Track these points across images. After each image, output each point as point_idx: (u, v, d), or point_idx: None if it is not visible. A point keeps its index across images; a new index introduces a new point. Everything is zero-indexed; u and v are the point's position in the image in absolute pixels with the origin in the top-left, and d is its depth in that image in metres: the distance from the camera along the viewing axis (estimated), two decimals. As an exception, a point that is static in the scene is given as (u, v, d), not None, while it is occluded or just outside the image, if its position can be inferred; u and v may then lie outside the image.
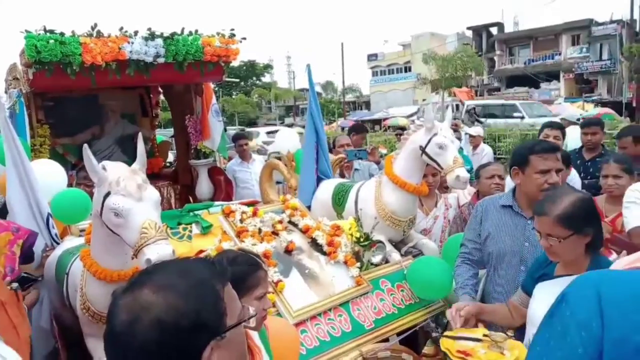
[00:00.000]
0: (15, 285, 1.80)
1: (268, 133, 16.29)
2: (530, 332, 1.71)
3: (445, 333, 1.86)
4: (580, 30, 33.57)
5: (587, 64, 31.78)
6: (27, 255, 2.35)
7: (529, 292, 1.83)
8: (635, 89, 20.00)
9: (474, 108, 17.80)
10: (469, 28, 39.42)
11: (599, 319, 0.81)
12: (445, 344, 1.76)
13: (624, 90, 26.64)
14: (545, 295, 1.64)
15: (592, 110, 20.24)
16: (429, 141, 2.71)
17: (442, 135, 2.68)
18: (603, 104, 23.68)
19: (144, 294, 0.78)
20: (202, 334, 0.78)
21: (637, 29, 22.89)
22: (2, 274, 1.91)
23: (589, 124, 4.37)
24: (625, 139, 3.81)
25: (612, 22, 31.72)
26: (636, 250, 2.61)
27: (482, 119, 16.19)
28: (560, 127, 4.21)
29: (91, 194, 2.89)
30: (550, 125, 4.24)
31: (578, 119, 8.03)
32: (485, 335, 1.74)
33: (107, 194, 1.72)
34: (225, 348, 0.81)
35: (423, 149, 2.74)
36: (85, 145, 1.74)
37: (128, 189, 1.70)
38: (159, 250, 1.61)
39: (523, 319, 1.86)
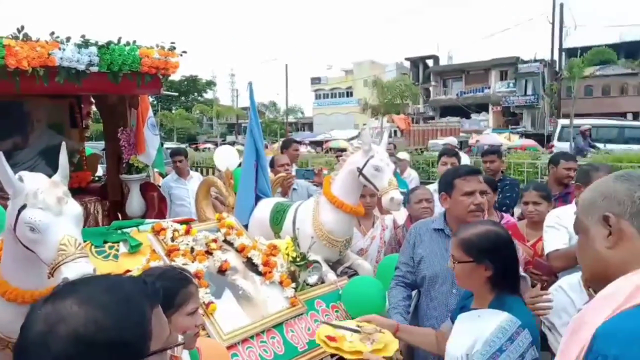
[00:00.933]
0: None
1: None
2: None
3: (327, 322, 1.93)
4: (507, 67, 36.25)
5: (513, 98, 34.32)
6: None
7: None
8: (555, 124, 21.83)
9: (589, 130, 13.19)
10: (407, 59, 41.34)
11: None
12: (320, 330, 1.92)
13: (545, 124, 28.94)
14: (459, 326, 1.68)
15: (517, 141, 21.80)
16: (365, 163, 2.77)
17: (378, 158, 2.75)
18: (527, 135, 25.51)
19: (65, 305, 0.73)
20: (122, 355, 0.73)
21: (557, 69, 25.06)
22: None
23: (487, 153, 4.72)
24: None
25: (535, 60, 34.58)
26: (555, 273, 2.79)
27: (599, 144, 13.08)
28: (455, 154, 4.55)
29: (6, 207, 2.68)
30: (446, 152, 4.53)
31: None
32: (358, 326, 1.89)
33: (23, 207, 1.58)
34: None
35: (360, 171, 2.80)
36: (0, 154, 1.60)
37: (47, 202, 1.57)
38: (78, 269, 1.49)
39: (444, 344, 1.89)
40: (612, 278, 1.05)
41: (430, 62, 40.96)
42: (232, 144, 20.51)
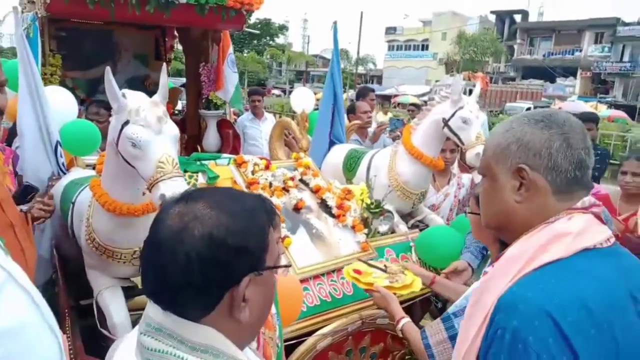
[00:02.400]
0: (25, 207, 1.75)
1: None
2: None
3: (361, 259, 2.18)
4: (605, 29, 32.87)
5: (606, 63, 31.28)
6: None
7: None
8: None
9: None
10: (492, 12, 38.54)
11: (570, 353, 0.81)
12: (353, 264, 2.05)
13: (640, 95, 26.32)
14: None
15: (604, 111, 20.05)
16: (453, 114, 2.63)
17: (467, 110, 2.60)
18: (617, 106, 23.39)
19: (198, 206, 0.76)
20: (244, 261, 0.76)
21: (664, 34, 22.38)
22: (11, 193, 1.85)
23: (584, 120, 4.22)
24: None
25: (639, 23, 30.99)
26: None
27: None
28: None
29: (101, 129, 2.84)
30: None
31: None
32: (385, 266, 2.03)
33: (126, 123, 1.65)
34: (260, 287, 0.79)
35: (446, 122, 2.67)
36: (108, 68, 1.66)
37: (148, 120, 1.63)
38: (175, 187, 1.55)
39: None
40: (517, 231, 0.97)
41: (517, 18, 37.94)
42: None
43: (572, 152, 0.94)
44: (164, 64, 1.82)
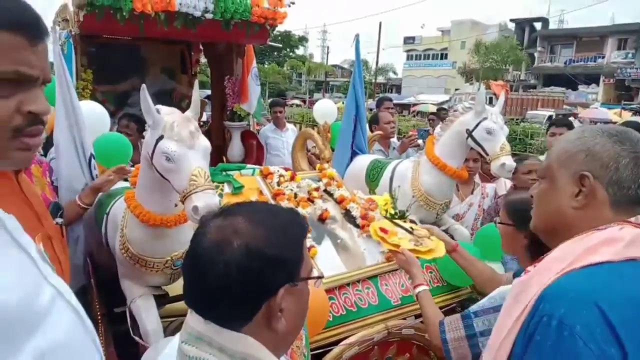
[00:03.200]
0: (60, 220, 1.83)
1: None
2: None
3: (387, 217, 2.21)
4: (629, 35, 32.27)
5: (630, 70, 30.61)
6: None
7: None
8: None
9: None
10: (512, 20, 38.23)
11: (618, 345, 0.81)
12: (379, 221, 2.07)
13: (667, 102, 25.65)
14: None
15: (629, 118, 19.59)
16: (477, 125, 2.64)
17: (492, 121, 2.61)
18: (642, 113, 22.82)
19: (238, 220, 0.80)
20: (280, 272, 0.79)
21: (691, 39, 21.84)
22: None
23: (556, 124, 3.85)
24: None
25: (664, 29, 30.36)
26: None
27: None
28: (568, 124, 3.83)
29: (131, 142, 2.94)
30: (556, 123, 3.93)
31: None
32: (412, 228, 2.06)
33: (160, 137, 1.72)
34: (295, 296, 0.82)
35: (470, 133, 2.68)
36: (144, 86, 1.73)
37: (181, 135, 1.69)
38: (207, 199, 1.61)
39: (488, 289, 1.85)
40: (565, 236, 0.97)
41: (537, 26, 37.53)
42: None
43: (638, 171, 0.95)
44: (196, 80, 1.88)
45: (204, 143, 1.77)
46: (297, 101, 31.83)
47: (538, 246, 1.50)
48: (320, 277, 0.90)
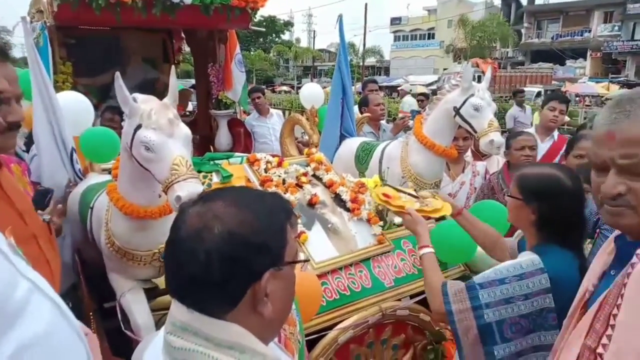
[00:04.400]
0: (47, 217, 1.78)
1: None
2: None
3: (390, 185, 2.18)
4: (614, 7, 32.25)
5: (617, 43, 30.68)
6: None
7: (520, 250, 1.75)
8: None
9: None
10: (498, -3, 38.02)
11: None
12: (381, 188, 2.02)
13: (654, 73, 25.79)
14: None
15: (616, 91, 19.68)
16: (464, 102, 2.61)
17: (479, 97, 2.58)
18: (630, 85, 22.93)
19: (217, 206, 0.77)
20: (265, 258, 0.77)
21: (676, 9, 21.87)
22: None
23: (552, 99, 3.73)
24: None
25: (649, 0, 30.34)
26: None
27: None
28: (567, 100, 3.87)
29: (118, 135, 2.87)
30: (558, 98, 3.87)
31: None
32: (415, 191, 2.05)
33: (138, 127, 1.66)
34: (280, 281, 0.80)
35: (457, 110, 2.65)
36: (117, 74, 1.67)
37: (160, 123, 1.64)
38: (190, 188, 1.56)
39: (499, 253, 1.87)
40: None
41: (524, 1, 37.37)
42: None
43: None
44: (173, 66, 1.83)
45: (184, 130, 1.71)
46: (285, 87, 31.61)
47: (544, 222, 1.51)
48: (305, 261, 0.88)
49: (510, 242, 1.90)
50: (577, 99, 20.41)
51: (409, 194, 2.00)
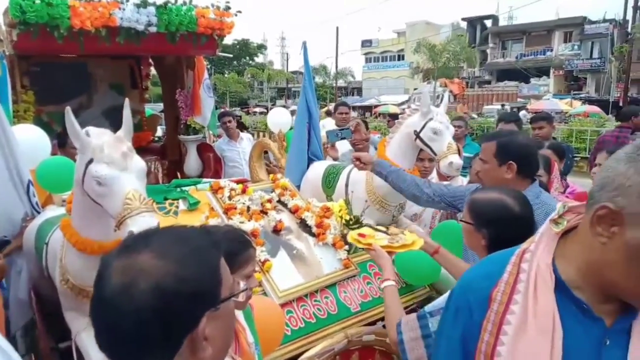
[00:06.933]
0: None
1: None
2: None
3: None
4: (573, 28, 33.75)
5: (577, 61, 32.04)
6: None
7: None
8: (623, 89, 20.21)
9: None
10: (463, 19, 39.33)
11: None
12: (359, 230, 2.12)
13: (611, 90, 26.92)
14: None
15: (579, 108, 20.50)
16: (423, 126, 2.66)
17: (437, 121, 2.64)
18: (590, 101, 23.90)
19: (141, 258, 0.72)
20: (200, 304, 0.74)
21: (629, 30, 23.02)
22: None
23: (536, 119, 4.39)
24: None
25: (604, 21, 32.00)
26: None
27: None
28: (517, 119, 4.35)
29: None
30: (505, 118, 4.27)
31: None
32: (387, 228, 2.11)
33: (90, 161, 1.63)
34: (219, 320, 0.77)
35: (417, 134, 2.70)
36: (68, 108, 1.64)
37: (112, 157, 1.61)
38: (143, 223, 1.53)
39: None
40: None
41: (488, 23, 38.75)
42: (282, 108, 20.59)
43: None
44: (127, 99, 1.80)
45: (139, 164, 1.69)
46: (259, 109, 31.65)
47: (495, 246, 1.49)
48: (243, 290, 0.84)
49: None
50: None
51: (383, 232, 2.06)
